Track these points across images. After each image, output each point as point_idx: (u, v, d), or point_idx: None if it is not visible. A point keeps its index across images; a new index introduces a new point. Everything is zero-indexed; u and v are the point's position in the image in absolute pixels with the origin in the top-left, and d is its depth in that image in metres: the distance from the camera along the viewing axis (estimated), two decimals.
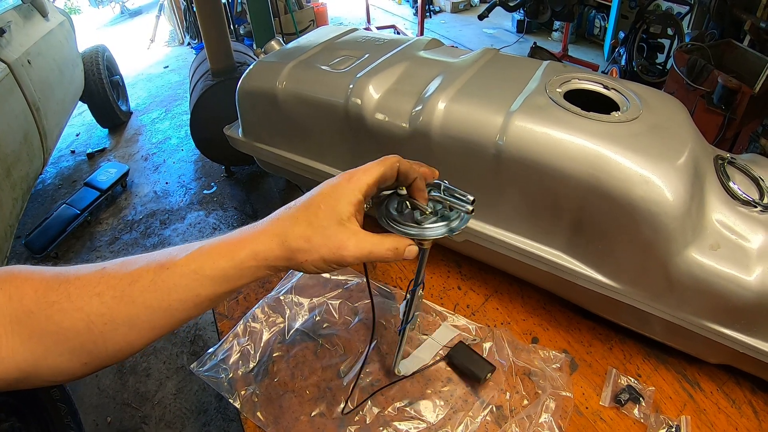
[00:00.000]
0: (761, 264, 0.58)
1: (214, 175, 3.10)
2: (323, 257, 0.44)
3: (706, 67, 2.17)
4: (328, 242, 0.44)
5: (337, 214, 0.44)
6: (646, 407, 0.67)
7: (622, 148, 0.59)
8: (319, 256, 0.44)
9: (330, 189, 0.46)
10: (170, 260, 0.43)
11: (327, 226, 0.44)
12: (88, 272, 0.42)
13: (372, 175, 0.46)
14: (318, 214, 0.44)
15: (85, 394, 1.87)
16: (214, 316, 0.84)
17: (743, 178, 0.67)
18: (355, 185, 0.45)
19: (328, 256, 0.44)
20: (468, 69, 0.78)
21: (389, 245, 0.45)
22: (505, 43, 4.84)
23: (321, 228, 0.44)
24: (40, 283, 0.40)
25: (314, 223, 0.44)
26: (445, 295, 0.84)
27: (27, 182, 2.22)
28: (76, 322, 0.40)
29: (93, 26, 6.79)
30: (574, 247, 0.68)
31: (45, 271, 0.42)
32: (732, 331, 0.62)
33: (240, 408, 0.68)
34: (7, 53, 2.25)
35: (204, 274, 0.43)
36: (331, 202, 0.45)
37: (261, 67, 0.92)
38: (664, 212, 0.56)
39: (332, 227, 0.44)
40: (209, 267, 0.43)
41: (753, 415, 0.68)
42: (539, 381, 0.70)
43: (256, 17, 3.08)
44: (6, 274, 0.41)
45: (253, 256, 0.44)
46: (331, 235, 0.44)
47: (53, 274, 0.42)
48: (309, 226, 0.44)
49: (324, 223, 0.44)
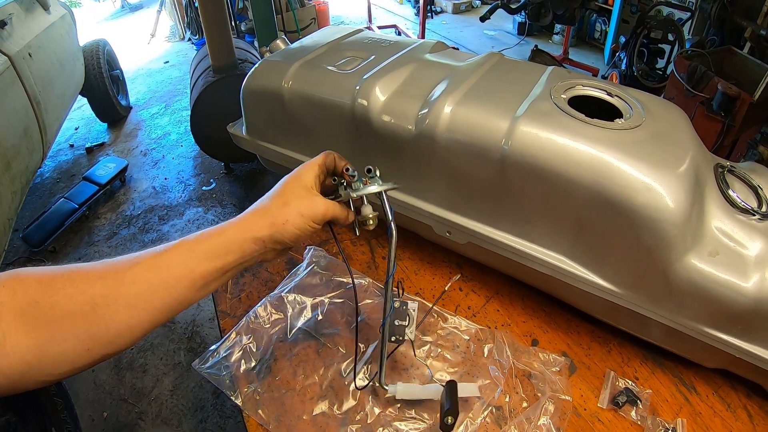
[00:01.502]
0: (758, 271, 0.59)
1: (214, 171, 3.10)
2: (300, 212, 0.54)
3: (706, 74, 2.18)
4: (302, 201, 0.55)
5: (303, 183, 0.57)
6: (643, 409, 0.68)
7: (625, 155, 0.60)
8: (296, 212, 0.54)
9: (293, 173, 0.59)
10: (167, 245, 0.49)
11: (298, 193, 0.56)
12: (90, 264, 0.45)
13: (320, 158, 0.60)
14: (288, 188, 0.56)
15: (82, 389, 1.87)
16: (216, 314, 0.84)
17: (742, 186, 0.68)
18: (310, 164, 0.59)
19: (305, 210, 0.55)
20: (473, 73, 0.79)
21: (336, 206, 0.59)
22: (505, 45, 4.85)
23: (294, 194, 0.56)
24: (44, 275, 0.43)
25: (287, 192, 0.56)
26: (446, 297, 0.85)
27: (26, 176, 2.21)
28: (81, 305, 0.42)
29: (94, 20, 6.76)
30: (576, 252, 0.68)
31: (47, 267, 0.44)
32: (729, 337, 0.63)
33: (242, 405, 0.68)
34: (9, 46, 2.24)
35: (197, 249, 0.49)
36: (296, 176, 0.57)
37: (266, 66, 0.92)
38: (665, 219, 0.57)
39: (302, 191, 0.56)
40: (202, 243, 0.50)
41: (748, 419, 0.69)
42: (539, 384, 0.71)
43: (258, 14, 3.07)
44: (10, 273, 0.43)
45: (240, 229, 0.52)
46: (303, 196, 0.56)
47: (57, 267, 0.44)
48: (283, 195, 0.56)
49: (296, 191, 0.56)
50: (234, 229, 0.52)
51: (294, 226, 0.54)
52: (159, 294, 0.46)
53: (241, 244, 0.51)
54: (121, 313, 0.43)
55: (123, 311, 0.44)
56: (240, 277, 0.90)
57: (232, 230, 0.52)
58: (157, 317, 0.46)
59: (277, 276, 0.89)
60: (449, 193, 0.76)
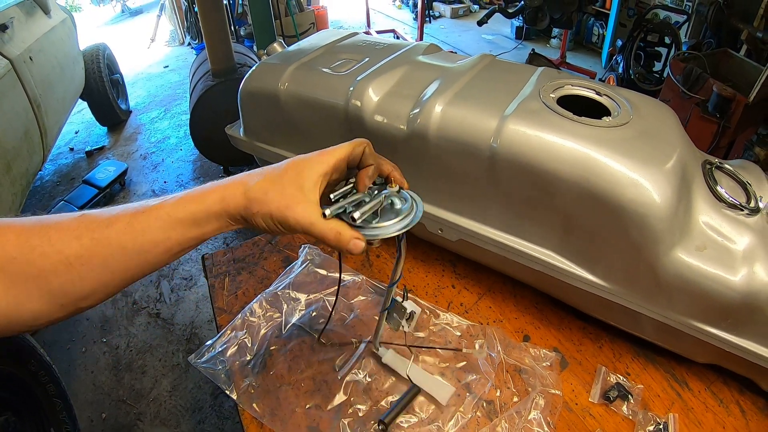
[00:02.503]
0: (746, 265, 0.60)
1: (213, 175, 3.11)
2: (271, 212, 0.46)
3: (701, 76, 2.19)
4: (281, 199, 0.46)
5: (300, 179, 0.47)
6: (634, 404, 0.69)
7: (612, 151, 0.61)
8: (267, 210, 0.46)
9: (301, 159, 0.49)
10: (145, 206, 0.46)
11: (286, 186, 0.47)
12: (68, 218, 0.44)
13: (342, 152, 0.50)
14: (282, 175, 0.48)
15: (80, 390, 1.88)
16: (213, 312, 0.85)
17: (731, 182, 0.69)
18: (325, 158, 0.49)
19: (275, 212, 0.46)
20: (465, 74, 0.80)
21: (334, 226, 0.47)
22: (503, 50, 4.88)
23: (280, 185, 0.47)
24: (22, 230, 0.42)
25: (276, 180, 0.47)
26: (439, 293, 0.86)
27: (26, 178, 2.22)
28: (56, 265, 0.42)
29: (94, 24, 6.81)
30: (566, 248, 0.69)
31: (26, 220, 0.44)
32: (719, 331, 0.64)
33: (237, 399, 0.69)
34: (10, 49, 2.26)
35: (176, 216, 0.46)
36: (298, 168, 0.48)
37: (263, 68, 0.94)
38: (651, 214, 0.58)
39: (290, 188, 0.47)
40: (180, 210, 0.46)
41: (740, 414, 0.70)
42: (529, 378, 0.72)
43: (257, 19, 3.09)
44: None
45: (220, 200, 0.47)
46: (286, 194, 0.46)
47: (34, 221, 0.44)
48: (270, 182, 0.47)
49: (284, 183, 0.47)
50: (215, 197, 0.47)
51: (261, 222, 0.48)
52: (134, 257, 0.45)
53: (218, 218, 0.47)
54: (96, 272, 0.43)
55: (97, 270, 0.44)
56: (237, 274, 0.91)
57: (213, 197, 0.47)
58: (131, 276, 0.46)
59: (273, 274, 0.90)
60: (441, 191, 0.77)
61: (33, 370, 1.34)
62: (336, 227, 0.47)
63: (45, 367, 1.38)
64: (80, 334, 2.12)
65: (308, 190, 0.47)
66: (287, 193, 0.47)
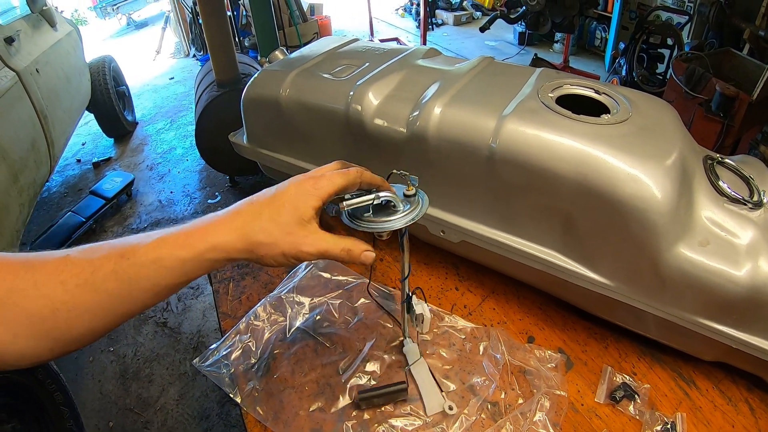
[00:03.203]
0: (750, 259, 0.59)
1: (219, 184, 3.13)
2: (283, 252, 0.48)
3: (704, 76, 2.19)
4: (289, 238, 0.48)
5: (299, 214, 0.48)
6: (641, 404, 0.68)
7: (611, 148, 0.61)
8: (279, 251, 0.48)
9: (294, 189, 0.50)
10: (132, 249, 0.45)
11: (288, 224, 0.48)
12: (53, 259, 0.44)
13: (335, 185, 0.50)
14: (281, 212, 0.48)
15: (88, 399, 1.88)
16: (217, 317, 0.86)
17: (733, 177, 0.69)
18: (318, 191, 0.50)
19: (288, 250, 0.48)
20: (464, 76, 0.80)
21: (343, 246, 0.50)
22: (506, 55, 4.90)
23: (283, 225, 0.48)
24: (8, 271, 0.42)
25: (277, 220, 0.48)
26: (442, 296, 0.86)
27: (33, 189, 2.25)
28: (41, 309, 0.41)
29: (100, 37, 6.91)
30: (568, 246, 0.69)
31: (11, 258, 0.43)
32: (724, 327, 0.63)
33: (241, 402, 0.69)
34: (16, 61, 2.30)
35: (164, 266, 0.45)
36: (294, 202, 0.49)
37: (265, 75, 0.95)
38: (652, 209, 0.58)
39: (293, 225, 0.48)
40: (169, 258, 0.45)
41: (749, 412, 0.69)
42: (534, 380, 0.71)
43: (261, 30, 3.13)
44: None
45: (212, 249, 0.46)
46: (291, 232, 0.48)
47: (20, 260, 0.43)
48: (271, 222, 0.48)
49: (286, 221, 0.48)
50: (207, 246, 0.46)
51: (273, 261, 0.49)
52: (121, 303, 0.44)
53: (214, 263, 0.47)
54: (83, 318, 0.43)
55: (85, 317, 0.43)
56: (241, 279, 0.91)
57: (205, 247, 0.46)
58: (120, 320, 0.45)
59: (277, 278, 0.90)
60: (442, 193, 0.77)
61: (40, 378, 1.35)
62: (345, 246, 0.50)
63: (52, 376, 1.39)
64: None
65: (309, 222, 0.49)
66: (292, 230, 0.48)
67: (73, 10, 7.51)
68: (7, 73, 2.18)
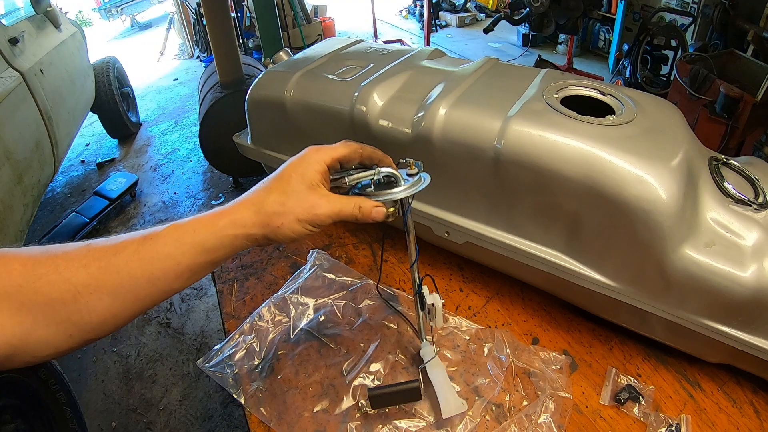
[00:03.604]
0: (756, 261, 0.59)
1: (222, 186, 3.14)
2: (298, 217, 0.49)
3: (708, 77, 2.18)
4: (302, 203, 0.50)
5: (307, 180, 0.51)
6: (646, 406, 0.68)
7: (617, 149, 0.61)
8: (294, 217, 0.49)
9: (298, 160, 0.53)
10: (153, 232, 0.46)
11: (299, 191, 0.50)
12: (75, 248, 0.44)
13: (337, 152, 0.54)
14: (290, 182, 0.51)
15: (91, 399, 1.89)
16: (221, 318, 0.86)
17: (738, 178, 0.68)
18: (321, 156, 0.52)
19: (303, 215, 0.49)
20: (468, 77, 0.80)
21: (355, 202, 0.52)
22: (510, 57, 4.90)
23: (294, 193, 0.50)
24: (29, 259, 0.42)
25: (287, 190, 0.50)
26: (447, 297, 0.86)
27: (38, 189, 2.26)
28: (63, 293, 0.41)
29: (104, 38, 6.94)
30: (573, 248, 0.69)
31: (32, 249, 0.44)
32: (730, 329, 0.63)
33: (244, 403, 0.69)
34: (21, 62, 2.31)
35: (185, 242, 0.46)
36: (300, 170, 0.51)
37: (270, 76, 0.95)
38: (658, 210, 0.58)
39: (304, 191, 0.50)
40: (190, 235, 0.47)
41: (754, 414, 0.68)
42: (539, 382, 0.71)
43: (265, 31, 3.14)
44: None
45: (231, 224, 0.48)
46: (303, 198, 0.50)
47: (41, 250, 0.44)
48: (282, 194, 0.50)
49: (296, 188, 0.50)
50: (225, 222, 0.48)
51: (290, 230, 0.50)
52: (143, 285, 0.45)
53: (233, 240, 0.48)
54: (104, 301, 0.43)
55: (106, 300, 0.43)
56: (245, 280, 0.91)
57: (223, 222, 0.48)
58: (142, 306, 0.45)
59: (281, 279, 0.91)
60: (446, 194, 0.78)
61: (43, 378, 1.36)
62: (357, 202, 0.52)
63: (55, 376, 1.39)
64: (91, 344, 2.14)
65: (318, 186, 0.51)
66: (304, 197, 0.50)
67: (78, 11, 7.55)
68: (11, 73, 2.19)
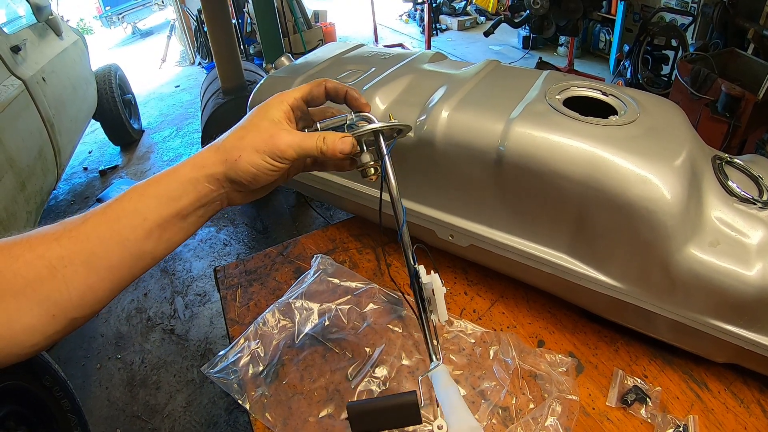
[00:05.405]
0: (761, 259, 0.59)
1: None
2: (256, 148, 0.47)
3: (709, 76, 2.18)
4: (261, 134, 0.48)
5: (269, 116, 0.49)
6: (653, 407, 0.68)
7: (620, 149, 0.61)
8: (252, 148, 0.47)
9: (262, 105, 0.51)
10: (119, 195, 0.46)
11: (258, 124, 0.49)
12: (49, 227, 0.44)
13: (299, 91, 0.52)
14: (251, 120, 0.50)
15: (95, 406, 1.89)
16: (225, 323, 0.86)
17: (742, 176, 0.68)
18: (283, 97, 0.51)
19: (261, 145, 0.47)
20: (470, 80, 0.80)
21: (320, 135, 0.50)
22: (511, 59, 4.90)
23: (254, 126, 0.49)
24: (4, 244, 0.42)
25: (246, 126, 0.49)
26: (451, 301, 0.85)
27: (41, 196, 2.27)
28: (39, 270, 0.41)
29: (105, 46, 6.98)
30: (577, 249, 0.69)
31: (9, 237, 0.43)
32: (736, 328, 0.63)
33: (249, 409, 0.69)
34: (23, 70, 2.33)
35: (148, 194, 0.46)
36: (262, 110, 0.50)
37: (271, 81, 0.95)
38: (662, 210, 0.58)
39: (264, 124, 0.49)
40: (153, 187, 0.46)
41: (762, 414, 0.68)
42: (545, 384, 0.71)
43: (265, 37, 3.15)
44: None
45: (192, 167, 0.47)
46: (263, 129, 0.48)
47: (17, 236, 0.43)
48: (242, 129, 0.49)
49: (257, 123, 0.49)
50: (187, 167, 0.47)
51: (249, 164, 0.47)
52: (114, 249, 0.43)
53: (195, 184, 0.47)
54: (79, 273, 0.42)
55: (81, 271, 0.42)
56: (249, 286, 0.91)
57: (185, 168, 0.47)
58: (118, 276, 0.44)
59: (285, 284, 0.91)
60: (450, 197, 0.77)
61: (47, 385, 1.36)
62: (322, 135, 0.50)
63: (59, 383, 1.39)
64: (95, 351, 2.14)
65: (281, 121, 0.50)
66: (263, 128, 0.49)
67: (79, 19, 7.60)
68: (13, 81, 2.20)
